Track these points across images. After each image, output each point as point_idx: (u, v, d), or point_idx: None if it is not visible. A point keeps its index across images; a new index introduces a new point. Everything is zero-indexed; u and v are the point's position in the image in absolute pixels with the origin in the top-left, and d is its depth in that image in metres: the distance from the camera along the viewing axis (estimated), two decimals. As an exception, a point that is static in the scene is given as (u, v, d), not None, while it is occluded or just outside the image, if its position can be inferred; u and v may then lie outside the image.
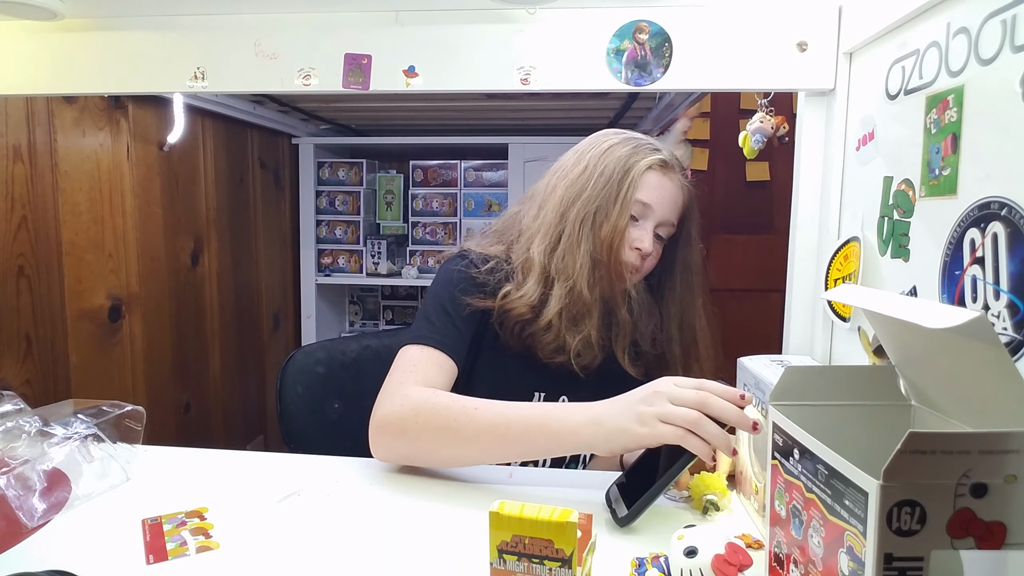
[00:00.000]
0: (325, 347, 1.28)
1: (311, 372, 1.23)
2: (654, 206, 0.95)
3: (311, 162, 2.60)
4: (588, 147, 0.99)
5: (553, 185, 0.99)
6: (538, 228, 0.97)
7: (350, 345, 1.29)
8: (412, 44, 1.00)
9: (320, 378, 1.23)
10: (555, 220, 0.96)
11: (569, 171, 0.98)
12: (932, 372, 0.54)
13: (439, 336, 0.93)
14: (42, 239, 1.48)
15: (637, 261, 0.97)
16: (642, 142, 0.98)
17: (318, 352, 1.26)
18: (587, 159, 0.97)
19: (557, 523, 0.54)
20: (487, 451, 0.83)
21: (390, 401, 0.87)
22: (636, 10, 0.96)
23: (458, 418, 0.82)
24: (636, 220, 0.96)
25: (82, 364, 1.58)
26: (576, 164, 0.98)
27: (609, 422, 0.76)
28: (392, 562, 0.67)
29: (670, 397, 0.74)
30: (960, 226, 0.63)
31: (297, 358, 1.24)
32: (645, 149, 0.97)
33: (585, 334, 0.94)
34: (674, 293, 1.03)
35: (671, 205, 0.97)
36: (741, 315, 2.70)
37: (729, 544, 0.61)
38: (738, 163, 2.58)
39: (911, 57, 0.73)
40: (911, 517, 0.41)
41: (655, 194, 0.95)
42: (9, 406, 0.87)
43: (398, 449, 0.86)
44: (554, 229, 0.96)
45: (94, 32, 1.04)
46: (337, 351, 1.27)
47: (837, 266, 0.89)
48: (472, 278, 0.97)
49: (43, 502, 0.76)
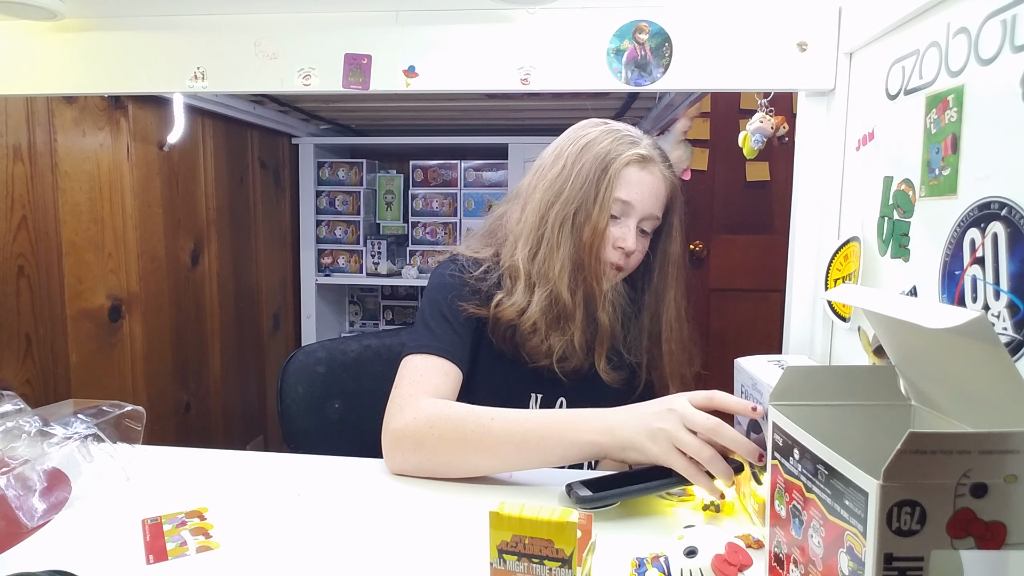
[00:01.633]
0: (326, 347, 1.28)
1: (312, 372, 1.23)
2: (635, 203, 0.93)
3: (311, 162, 2.60)
4: (567, 143, 0.97)
5: (534, 185, 0.98)
6: (520, 232, 0.96)
7: (351, 345, 1.29)
8: (412, 44, 1.00)
9: (321, 378, 1.23)
10: (535, 223, 0.95)
11: (548, 171, 0.97)
12: (932, 372, 0.54)
13: (442, 344, 0.92)
14: (42, 239, 1.48)
15: (621, 260, 0.96)
16: (621, 134, 0.95)
17: (319, 352, 1.26)
18: (565, 157, 0.95)
19: (557, 523, 0.54)
20: (506, 461, 0.83)
21: (402, 414, 0.86)
22: (636, 10, 0.96)
23: (476, 430, 0.82)
24: (618, 218, 0.94)
25: (82, 364, 1.58)
26: (554, 163, 0.96)
27: (622, 433, 0.77)
28: (392, 562, 0.67)
29: (684, 419, 0.75)
30: (960, 226, 0.63)
31: (298, 358, 1.24)
32: (624, 143, 0.94)
33: (567, 338, 0.93)
34: (651, 284, 1.02)
35: (653, 199, 0.95)
36: (741, 315, 2.70)
37: (729, 544, 0.61)
38: (738, 163, 2.58)
39: (911, 57, 0.73)
40: (911, 517, 0.41)
41: (635, 191, 0.93)
42: (9, 406, 0.86)
43: (415, 462, 0.86)
44: (535, 233, 0.95)
45: (94, 32, 1.04)
46: (338, 351, 1.27)
47: (837, 266, 0.89)
48: (465, 283, 0.96)
49: (43, 502, 0.76)
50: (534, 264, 0.94)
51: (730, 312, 2.72)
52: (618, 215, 0.94)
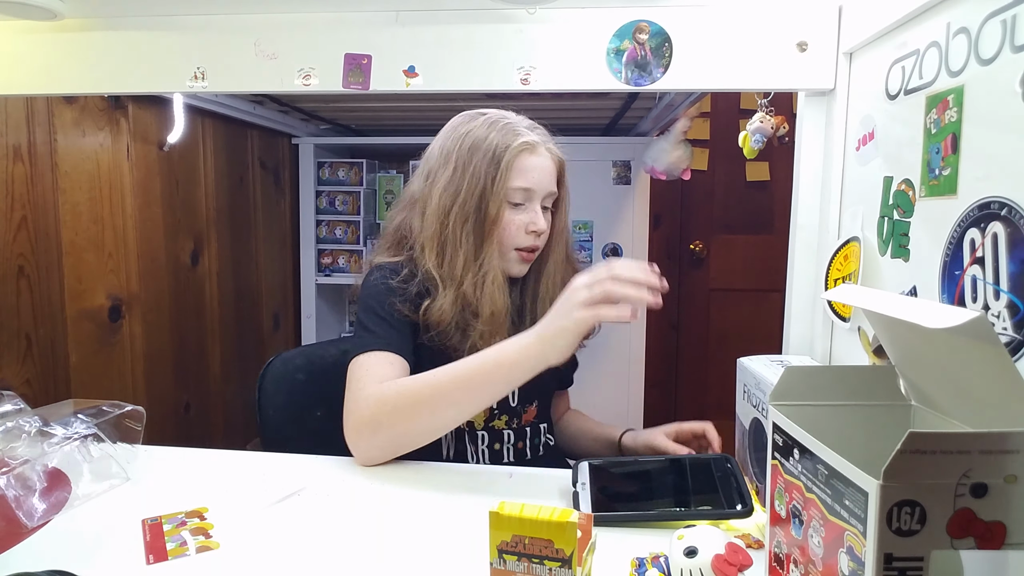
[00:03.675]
0: (303, 353, 1.24)
1: (292, 380, 1.18)
2: (535, 187, 0.98)
3: (311, 162, 2.60)
4: (452, 144, 1.00)
5: (428, 191, 1.00)
6: (425, 238, 0.99)
7: (328, 350, 1.25)
8: (412, 44, 1.00)
9: (301, 385, 1.19)
10: (437, 228, 0.97)
11: (439, 174, 0.99)
12: (932, 372, 0.54)
13: (382, 340, 0.94)
14: (42, 239, 1.48)
15: (536, 242, 1.00)
16: (501, 124, 0.99)
17: (297, 359, 1.21)
18: (454, 158, 0.98)
19: (557, 523, 0.54)
20: (460, 407, 0.87)
21: (356, 407, 0.89)
22: (636, 10, 0.96)
23: (422, 389, 0.86)
24: (522, 204, 0.98)
25: (82, 364, 1.58)
26: (445, 165, 0.99)
27: (547, 331, 0.84)
28: (392, 562, 0.67)
29: (584, 284, 0.83)
30: (960, 226, 0.63)
31: (275, 366, 1.18)
32: (509, 133, 0.97)
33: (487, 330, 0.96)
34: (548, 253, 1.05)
35: (549, 178, 1.00)
36: (741, 315, 2.70)
37: (729, 544, 0.61)
38: (738, 163, 2.59)
39: (911, 57, 0.73)
40: (911, 517, 0.41)
41: (533, 176, 0.97)
42: (9, 406, 0.86)
43: (378, 443, 0.88)
44: (438, 237, 0.98)
45: (94, 32, 1.04)
46: (316, 356, 1.23)
47: (837, 266, 0.89)
48: (393, 289, 0.98)
49: (43, 502, 0.76)
50: (443, 267, 0.97)
51: (730, 312, 2.72)
52: (522, 201, 0.98)
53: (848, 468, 0.44)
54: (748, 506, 0.73)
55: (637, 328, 2.33)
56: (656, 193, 2.45)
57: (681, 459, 0.84)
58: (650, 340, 2.39)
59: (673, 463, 0.83)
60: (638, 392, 2.35)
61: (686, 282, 2.73)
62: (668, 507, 0.75)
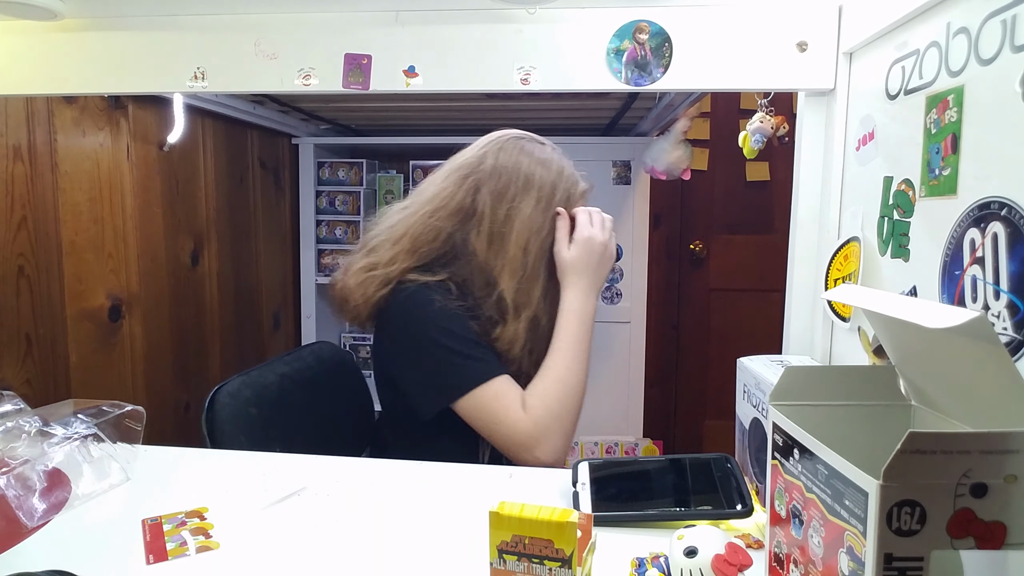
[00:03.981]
0: (247, 384, 1.09)
1: (247, 416, 1.05)
2: None
3: (311, 162, 2.60)
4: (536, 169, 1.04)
5: (504, 214, 1.01)
6: (504, 264, 1.00)
7: (268, 377, 1.14)
8: (412, 44, 1.00)
9: (257, 420, 1.06)
10: (519, 256, 1.00)
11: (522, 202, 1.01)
12: (932, 372, 0.54)
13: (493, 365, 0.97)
14: (42, 239, 1.47)
15: None
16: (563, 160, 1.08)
17: (243, 391, 1.07)
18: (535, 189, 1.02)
19: (557, 523, 0.54)
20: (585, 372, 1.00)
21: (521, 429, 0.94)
22: (636, 10, 0.96)
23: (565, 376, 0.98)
24: None
25: (82, 364, 1.58)
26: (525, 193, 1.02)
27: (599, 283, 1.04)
28: (392, 562, 0.67)
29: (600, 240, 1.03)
30: (960, 226, 0.63)
31: (222, 401, 1.02)
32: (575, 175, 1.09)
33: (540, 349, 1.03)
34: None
35: None
36: (741, 315, 2.70)
37: (729, 544, 0.61)
38: (738, 163, 2.59)
39: (911, 57, 0.73)
40: (911, 517, 0.41)
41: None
42: (9, 406, 0.86)
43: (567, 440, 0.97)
44: (520, 264, 1.00)
45: (94, 32, 1.04)
46: (261, 387, 1.10)
47: (837, 266, 0.89)
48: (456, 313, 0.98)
49: (43, 502, 0.76)
50: (520, 295, 1.00)
51: (730, 312, 2.71)
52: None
53: (848, 468, 0.44)
54: (748, 506, 0.73)
55: (637, 328, 2.33)
56: (656, 193, 2.45)
57: (681, 459, 0.84)
58: (650, 340, 2.38)
59: (673, 463, 0.83)
60: (638, 392, 2.35)
61: (686, 282, 2.73)
62: (668, 507, 0.75)
